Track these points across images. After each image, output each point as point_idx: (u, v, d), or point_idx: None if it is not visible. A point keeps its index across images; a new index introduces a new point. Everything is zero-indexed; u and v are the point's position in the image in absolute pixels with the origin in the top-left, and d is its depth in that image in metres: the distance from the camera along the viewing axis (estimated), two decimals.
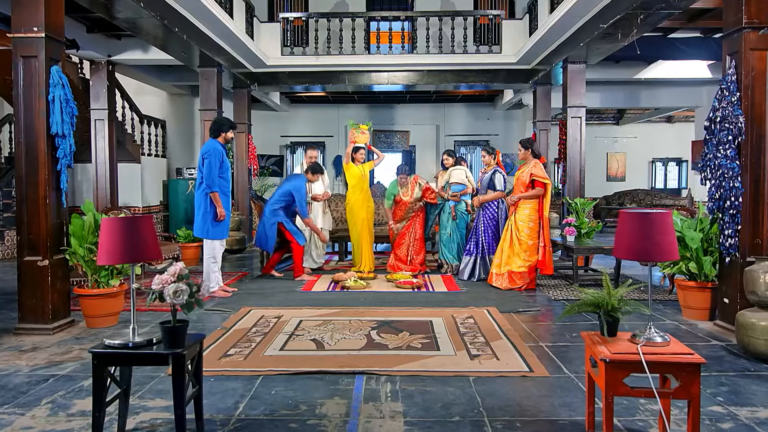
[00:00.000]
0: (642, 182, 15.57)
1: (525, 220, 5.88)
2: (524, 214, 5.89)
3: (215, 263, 5.63)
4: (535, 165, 5.91)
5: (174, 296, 2.21)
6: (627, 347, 2.24)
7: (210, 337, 4.11)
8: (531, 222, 5.86)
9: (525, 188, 5.89)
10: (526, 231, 5.86)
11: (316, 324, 4.47)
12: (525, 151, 6.02)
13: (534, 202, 5.89)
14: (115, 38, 8.12)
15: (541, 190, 5.81)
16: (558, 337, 4.11)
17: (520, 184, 5.94)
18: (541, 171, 5.87)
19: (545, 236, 5.85)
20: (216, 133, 5.61)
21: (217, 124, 5.67)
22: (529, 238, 5.85)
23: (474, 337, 4.10)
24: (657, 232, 2.20)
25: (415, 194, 6.96)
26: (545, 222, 5.86)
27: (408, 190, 6.99)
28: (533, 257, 5.86)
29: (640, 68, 9.74)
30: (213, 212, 5.49)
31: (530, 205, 5.88)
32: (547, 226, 5.88)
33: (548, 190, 5.84)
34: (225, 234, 5.67)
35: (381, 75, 9.70)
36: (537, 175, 5.82)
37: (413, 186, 6.98)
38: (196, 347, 2.46)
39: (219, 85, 8.41)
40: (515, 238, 5.91)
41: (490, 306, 5.12)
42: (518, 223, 5.91)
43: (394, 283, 6.19)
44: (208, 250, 5.58)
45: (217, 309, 5.05)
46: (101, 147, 8.30)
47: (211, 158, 5.41)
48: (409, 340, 4.00)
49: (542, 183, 5.80)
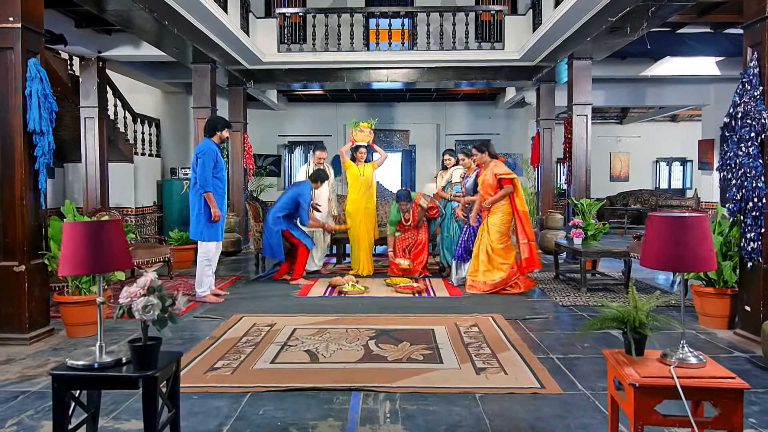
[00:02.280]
0: (646, 182, 15.31)
1: (497, 224, 5.68)
2: (497, 218, 5.69)
3: (209, 266, 5.43)
4: (495, 165, 5.74)
5: (144, 312, 1.95)
6: (658, 369, 1.97)
7: (197, 348, 3.85)
8: (503, 226, 5.67)
9: (494, 191, 5.68)
10: (497, 235, 5.66)
11: (310, 333, 4.20)
12: (482, 155, 5.86)
13: (506, 205, 5.70)
14: (105, 33, 7.85)
15: (510, 187, 5.65)
16: (569, 348, 3.85)
17: (487, 187, 5.72)
18: (504, 168, 5.74)
19: (527, 231, 5.65)
20: (211, 132, 5.43)
21: (212, 122, 5.50)
22: (499, 242, 5.67)
23: (479, 347, 3.83)
24: (692, 238, 1.93)
25: (419, 217, 6.70)
26: (524, 216, 5.67)
27: (410, 215, 6.72)
28: (510, 258, 5.69)
29: (647, 65, 9.46)
30: (207, 213, 5.29)
31: (502, 209, 5.69)
32: (526, 220, 5.67)
33: (517, 185, 5.72)
34: (220, 236, 5.46)
35: (380, 72, 9.43)
36: (501, 173, 5.65)
37: (415, 210, 6.71)
38: (172, 367, 2.19)
39: (213, 82, 8.14)
40: (488, 246, 5.68)
41: (494, 313, 4.86)
42: (490, 227, 5.70)
43: (393, 288, 5.93)
44: (203, 252, 5.38)
45: (207, 316, 4.79)
46: (91, 146, 8.02)
47: (205, 157, 5.23)
48: (409, 352, 3.73)
49: (509, 179, 5.64)
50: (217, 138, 5.45)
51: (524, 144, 13.47)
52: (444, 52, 9.10)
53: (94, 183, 8.05)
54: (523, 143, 13.51)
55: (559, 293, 5.69)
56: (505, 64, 9.21)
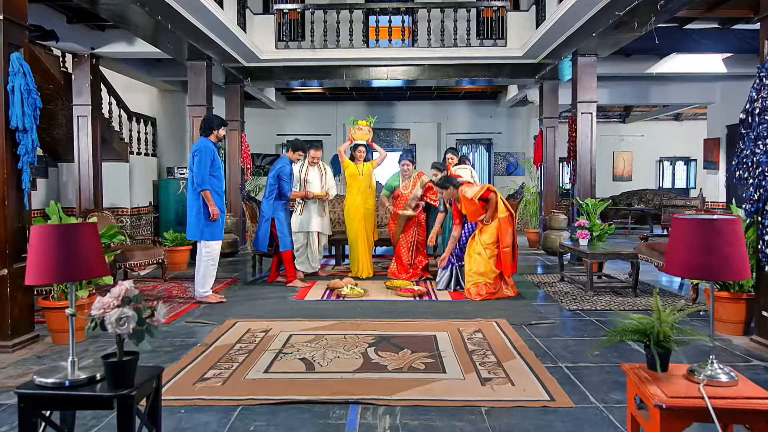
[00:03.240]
0: (649, 182, 15.11)
1: (493, 227, 5.46)
2: (488, 232, 5.47)
3: (214, 266, 5.36)
4: (464, 190, 5.53)
5: (117, 325, 1.76)
6: (685, 388, 1.79)
7: (187, 356, 3.66)
8: (493, 236, 5.45)
9: (481, 209, 5.49)
10: (490, 239, 5.46)
11: (307, 340, 4.01)
12: (447, 191, 5.63)
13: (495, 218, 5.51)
14: (99, 30, 7.66)
15: (493, 195, 5.47)
16: (578, 356, 3.66)
17: (473, 210, 5.50)
18: (474, 188, 5.55)
19: (513, 236, 5.48)
20: (207, 130, 5.35)
21: (208, 121, 5.42)
22: (492, 245, 5.46)
23: (484, 355, 3.65)
24: (725, 243, 1.75)
25: (416, 191, 6.52)
26: (511, 221, 5.49)
27: (409, 184, 6.55)
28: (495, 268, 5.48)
29: (652, 62, 9.27)
30: (206, 212, 5.19)
31: (494, 223, 5.48)
32: (505, 227, 5.42)
33: (496, 192, 5.54)
34: (220, 235, 5.35)
35: (380, 69, 9.24)
36: (477, 193, 5.44)
37: (415, 181, 6.55)
38: (152, 383, 2.00)
39: (209, 79, 7.95)
40: (480, 246, 5.47)
41: (499, 318, 4.67)
42: (484, 229, 5.50)
43: (394, 291, 5.74)
44: (205, 252, 5.27)
45: (200, 321, 4.60)
46: (84, 145, 7.83)
47: (201, 155, 5.14)
48: (410, 360, 3.55)
49: (486, 192, 5.46)
50: (214, 136, 5.37)
51: (526, 143, 13.29)
52: (445, 49, 8.91)
53: (87, 183, 7.86)
54: (526, 142, 13.33)
55: (565, 296, 5.51)
56: (507, 61, 9.02)
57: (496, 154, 13.53)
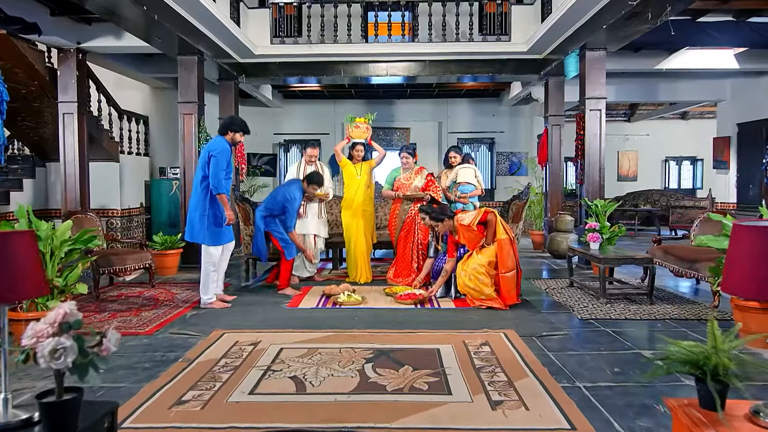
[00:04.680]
0: (655, 182, 14.78)
1: (489, 254, 5.09)
2: (486, 253, 5.10)
3: (215, 271, 5.12)
4: (460, 219, 5.19)
5: (52, 358, 1.43)
6: None
7: (166, 374, 3.33)
8: (490, 257, 5.06)
9: (481, 234, 5.15)
10: (488, 259, 5.08)
11: (298, 354, 3.68)
12: (443, 224, 5.27)
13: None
14: (85, 23, 7.32)
15: (492, 216, 5.10)
16: (597, 374, 3.32)
17: (473, 238, 5.15)
18: (469, 215, 5.19)
19: (516, 259, 5.07)
20: (223, 130, 5.12)
21: (228, 121, 5.23)
22: (490, 266, 5.08)
23: (493, 373, 3.31)
24: None
25: (416, 181, 6.21)
26: (512, 244, 5.08)
27: (410, 175, 6.25)
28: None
29: (661, 58, 8.93)
30: (213, 215, 4.94)
31: (492, 245, 5.13)
32: (506, 248, 5.00)
33: (494, 213, 5.15)
34: (225, 239, 5.12)
35: (379, 66, 8.89)
36: (474, 219, 5.10)
37: (416, 174, 6.25)
38: (103, 424, 1.67)
39: (200, 75, 7.61)
40: (476, 263, 5.10)
41: (506, 328, 4.33)
42: (480, 256, 5.11)
43: (393, 297, 5.41)
44: (207, 256, 5.02)
45: (184, 333, 4.27)
46: (70, 143, 7.49)
47: (219, 156, 4.89)
48: (412, 379, 3.21)
49: (485, 214, 5.11)
50: (229, 138, 5.10)
51: (529, 142, 12.96)
52: (447, 44, 8.57)
53: (74, 184, 7.53)
54: (528, 142, 13.01)
55: (576, 304, 5.17)
56: (511, 56, 8.67)
57: (498, 154, 13.20)
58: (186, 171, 7.49)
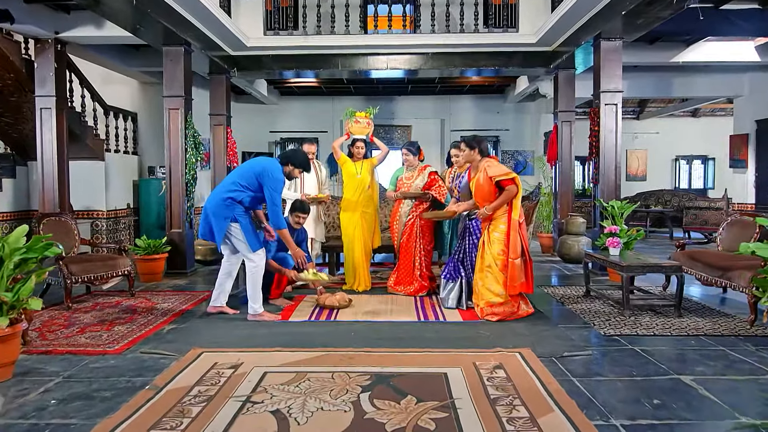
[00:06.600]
0: (665, 182, 14.30)
1: (501, 232, 4.58)
2: (500, 229, 4.59)
3: (230, 278, 4.95)
4: (488, 164, 4.64)
5: None
6: None
7: (128, 406, 2.83)
8: (504, 236, 4.57)
9: (492, 196, 4.62)
10: (500, 247, 4.58)
11: (284, 380, 3.18)
12: (471, 151, 4.76)
13: (506, 210, 4.61)
14: (63, 11, 6.82)
15: (513, 188, 4.53)
16: (634, 407, 2.82)
17: (483, 193, 4.64)
18: (499, 168, 4.62)
19: (525, 245, 4.58)
20: (285, 160, 4.77)
21: (292, 153, 4.86)
22: (502, 254, 4.58)
23: (511, 406, 2.81)
24: None
25: (418, 180, 5.72)
26: (520, 228, 4.57)
27: (413, 173, 5.76)
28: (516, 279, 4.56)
29: (678, 50, 8.44)
30: (244, 221, 4.63)
31: (505, 216, 4.59)
32: (515, 235, 4.52)
33: (519, 187, 4.59)
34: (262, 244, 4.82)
35: (379, 58, 8.38)
36: (497, 174, 4.55)
37: (420, 172, 5.76)
38: None
39: (187, 67, 7.11)
40: (490, 258, 4.61)
41: (521, 346, 3.83)
42: (492, 236, 4.61)
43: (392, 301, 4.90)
44: (251, 264, 4.70)
45: (156, 352, 3.76)
46: (48, 140, 7.00)
47: (274, 190, 4.55)
48: (416, 414, 2.71)
49: (509, 180, 4.54)
50: (287, 170, 4.76)
51: (535, 140, 12.48)
52: (450, 35, 8.06)
53: (51, 183, 7.04)
54: (535, 139, 12.52)
55: (597, 317, 4.66)
56: (518, 48, 8.17)
57: (503, 152, 12.70)
58: (172, 169, 6.99)
